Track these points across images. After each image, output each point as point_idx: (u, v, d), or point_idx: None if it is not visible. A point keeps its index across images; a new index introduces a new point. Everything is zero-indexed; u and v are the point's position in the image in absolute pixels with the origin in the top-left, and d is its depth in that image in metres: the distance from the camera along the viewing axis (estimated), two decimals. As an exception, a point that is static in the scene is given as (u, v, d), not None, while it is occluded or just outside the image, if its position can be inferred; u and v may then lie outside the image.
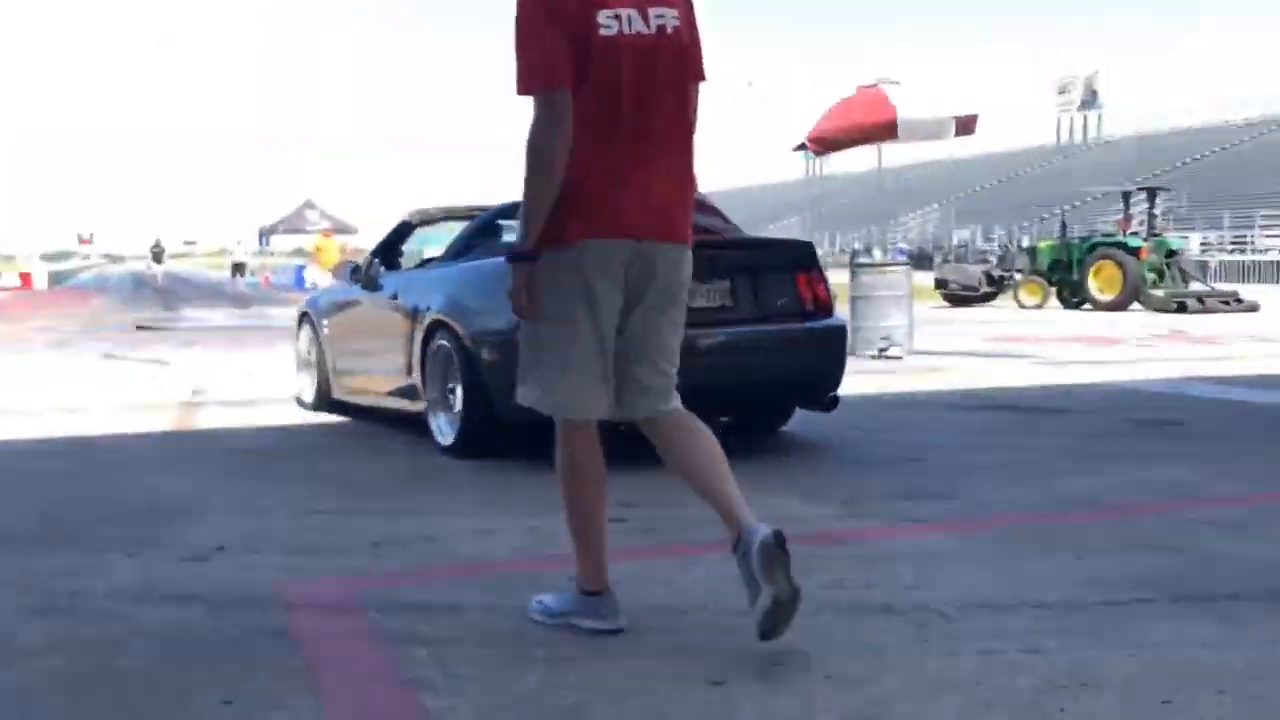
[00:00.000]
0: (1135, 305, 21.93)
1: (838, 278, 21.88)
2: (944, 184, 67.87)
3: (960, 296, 24.20)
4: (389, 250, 8.09)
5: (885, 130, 11.97)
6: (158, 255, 44.26)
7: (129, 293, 40.57)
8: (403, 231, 8.24)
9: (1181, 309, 20.98)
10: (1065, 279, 23.23)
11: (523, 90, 2.98)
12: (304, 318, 8.82)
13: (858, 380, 9.77)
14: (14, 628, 3.40)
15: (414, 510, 4.86)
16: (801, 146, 12.79)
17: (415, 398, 6.85)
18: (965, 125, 12.24)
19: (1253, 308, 21.51)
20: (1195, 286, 23.00)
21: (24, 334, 17.67)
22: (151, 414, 8.13)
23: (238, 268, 44.71)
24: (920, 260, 35.85)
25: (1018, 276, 23.90)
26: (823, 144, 12.64)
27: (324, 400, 8.37)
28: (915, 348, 12.16)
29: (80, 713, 2.82)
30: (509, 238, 6.84)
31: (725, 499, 3.14)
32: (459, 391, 6.38)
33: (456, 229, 7.52)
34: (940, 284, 24.80)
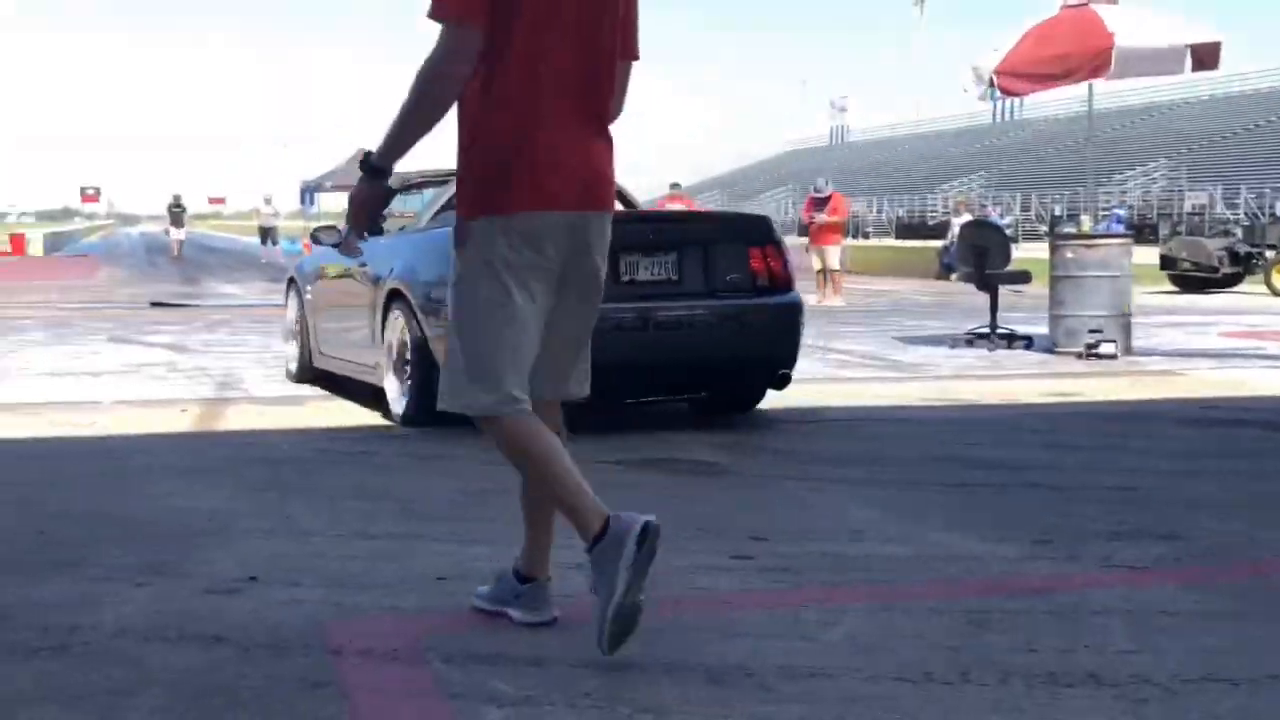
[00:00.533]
0: None
1: (1034, 252, 21.53)
2: (1173, 133, 66.46)
3: (1194, 279, 23.69)
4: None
5: (1098, 63, 11.73)
6: (177, 216, 45.07)
7: (142, 261, 41.59)
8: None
9: None
10: (1334, 258, 22.59)
11: (435, 13, 3.45)
12: (291, 284, 10.21)
13: (1055, 385, 9.65)
14: (1, 671, 3.50)
15: (488, 537, 4.89)
16: (990, 86, 12.56)
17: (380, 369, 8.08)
18: (1204, 56, 11.93)
19: None
20: None
21: (13, 310, 18.23)
22: (168, 412, 8.34)
23: (267, 233, 45.29)
24: (1141, 232, 35.15)
25: (1270, 254, 23.31)
26: (1015, 81, 12.42)
27: (307, 370, 9.77)
28: (1133, 345, 11.93)
29: (79, 776, 2.89)
30: None
31: (585, 495, 3.56)
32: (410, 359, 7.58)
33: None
34: (1168, 263, 24.30)
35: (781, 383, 7.86)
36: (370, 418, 8.11)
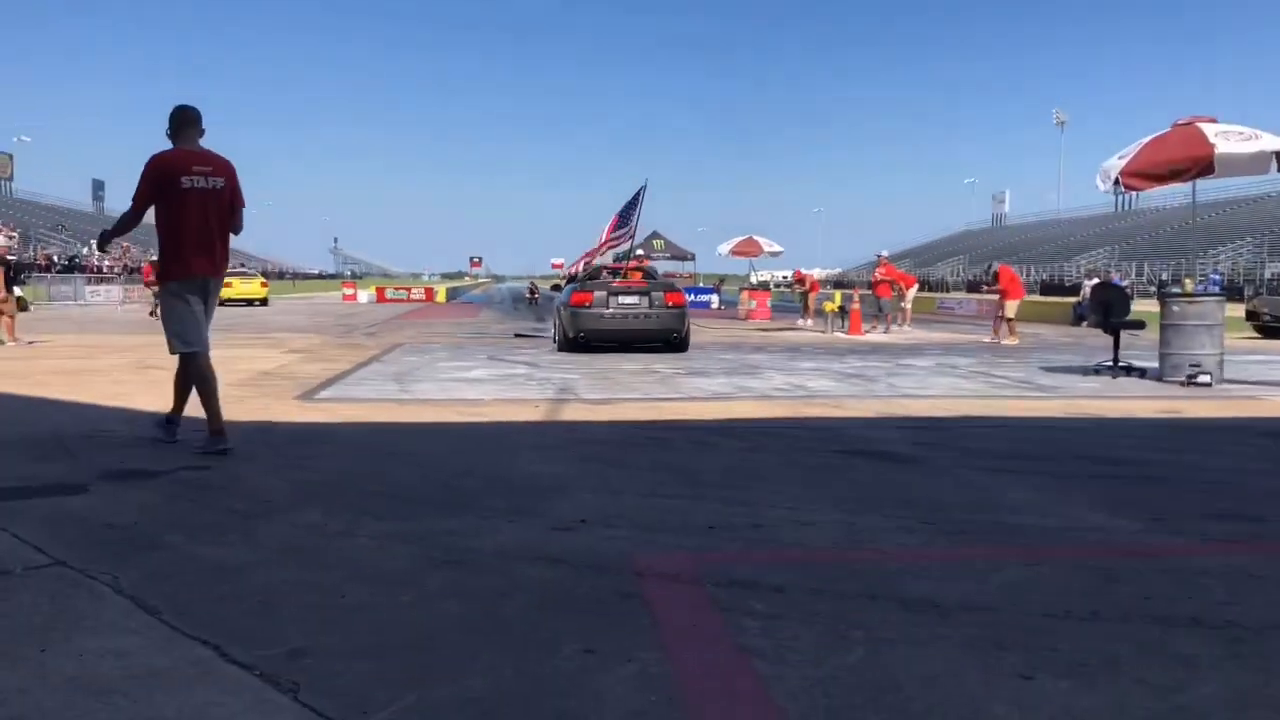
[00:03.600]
0: None
1: (1147, 306, 20.28)
2: (1259, 218, 62.05)
3: (1273, 328, 22.03)
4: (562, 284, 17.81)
5: (1202, 166, 11.04)
6: (533, 291, 45.87)
7: (509, 307, 42.90)
8: (567, 281, 17.74)
9: None
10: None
11: None
12: (555, 310, 16.00)
13: (1164, 404, 9.12)
14: (422, 576, 3.68)
15: (744, 500, 4.91)
16: (1115, 184, 11.93)
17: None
18: (1287, 161, 11.03)
19: None
20: None
21: (429, 338, 19.11)
22: (526, 407, 8.55)
23: (531, 293, 44.48)
24: (1231, 293, 32.85)
25: (1335, 310, 21.56)
26: (1136, 180, 11.78)
27: (563, 345, 14.77)
28: (1225, 376, 11.15)
29: (473, 647, 3.02)
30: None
31: None
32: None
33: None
34: (1252, 315, 22.68)
35: (680, 345, 14.34)
36: (658, 413, 8.19)
